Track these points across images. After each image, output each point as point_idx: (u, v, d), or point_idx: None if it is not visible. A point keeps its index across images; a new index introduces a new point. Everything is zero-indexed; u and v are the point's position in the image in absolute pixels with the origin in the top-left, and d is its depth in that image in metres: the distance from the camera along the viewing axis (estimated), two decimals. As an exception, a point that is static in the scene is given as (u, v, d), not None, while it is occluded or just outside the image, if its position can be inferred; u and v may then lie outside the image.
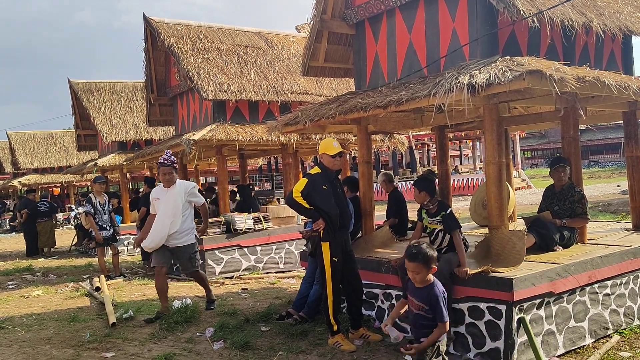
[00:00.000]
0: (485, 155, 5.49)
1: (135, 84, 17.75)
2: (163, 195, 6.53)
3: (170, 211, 6.48)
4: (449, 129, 7.75)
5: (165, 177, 6.48)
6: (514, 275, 4.63)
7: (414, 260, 3.85)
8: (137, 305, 7.46)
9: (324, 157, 5.44)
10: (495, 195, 5.28)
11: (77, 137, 19.09)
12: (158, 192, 6.62)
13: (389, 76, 6.54)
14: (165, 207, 6.47)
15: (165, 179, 6.49)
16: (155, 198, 6.57)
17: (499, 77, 4.42)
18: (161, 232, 6.44)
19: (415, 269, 3.85)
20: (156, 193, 6.62)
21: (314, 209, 5.30)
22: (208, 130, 9.97)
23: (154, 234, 6.45)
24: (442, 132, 7.75)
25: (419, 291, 3.90)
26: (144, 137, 16.44)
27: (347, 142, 10.76)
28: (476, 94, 4.52)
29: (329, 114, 6.03)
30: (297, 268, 10.04)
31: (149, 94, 12.61)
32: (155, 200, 6.57)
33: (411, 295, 3.96)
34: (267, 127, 7.68)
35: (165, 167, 6.46)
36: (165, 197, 6.50)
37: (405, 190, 25.49)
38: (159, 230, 6.43)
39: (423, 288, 3.88)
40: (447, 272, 4.92)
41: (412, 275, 3.90)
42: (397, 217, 7.35)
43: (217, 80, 10.45)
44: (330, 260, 5.31)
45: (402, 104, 5.08)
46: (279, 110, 10.93)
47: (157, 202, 6.56)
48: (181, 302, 6.95)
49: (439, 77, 5.03)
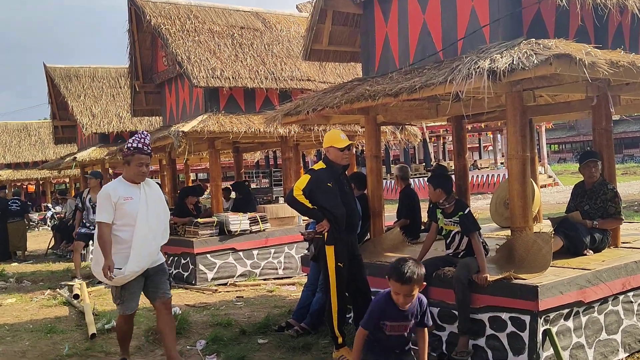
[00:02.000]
0: (507, 149, 5.48)
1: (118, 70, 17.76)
2: (137, 194, 5.02)
3: (160, 218, 5.17)
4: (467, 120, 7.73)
5: (142, 170, 5.04)
6: (540, 283, 4.63)
7: (409, 283, 3.66)
8: (121, 314, 7.47)
9: (330, 150, 5.44)
10: (518, 193, 5.28)
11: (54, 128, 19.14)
12: (125, 189, 5.02)
13: (401, 61, 6.53)
14: (150, 211, 5.04)
15: (141, 171, 5.04)
16: (125, 197, 4.96)
17: (523, 62, 4.41)
18: (147, 249, 4.98)
19: (409, 292, 3.69)
20: (123, 190, 5.00)
21: (318, 209, 5.31)
22: (199, 121, 9.98)
23: (138, 254, 4.90)
24: (460, 123, 7.74)
25: (403, 312, 3.80)
26: (128, 128, 16.45)
27: (354, 134, 10.76)
28: (497, 81, 4.52)
29: (334, 102, 6.03)
30: (298, 274, 10.06)
31: (133, 80, 12.62)
32: (125, 200, 4.95)
33: (390, 321, 3.80)
34: (265, 117, 7.68)
35: (144, 154, 5.05)
36: (143, 197, 5.03)
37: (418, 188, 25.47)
38: (143, 247, 4.94)
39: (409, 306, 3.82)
40: (465, 278, 4.93)
41: (404, 299, 3.72)
42: (409, 218, 7.35)
43: (209, 65, 10.46)
44: (335, 265, 5.32)
45: (415, 92, 5.07)
46: (278, 99, 10.93)
47: (128, 205, 4.95)
48: (170, 312, 6.96)
49: (456, 62, 5.02)
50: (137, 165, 5.02)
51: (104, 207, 4.92)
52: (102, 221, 4.91)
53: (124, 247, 4.91)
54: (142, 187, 5.07)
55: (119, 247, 4.90)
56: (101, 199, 4.94)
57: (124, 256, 4.89)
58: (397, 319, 3.83)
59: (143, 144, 5.05)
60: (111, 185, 5.07)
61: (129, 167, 5.04)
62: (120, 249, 4.91)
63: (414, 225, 7.38)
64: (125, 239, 4.92)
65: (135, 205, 4.96)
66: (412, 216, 7.39)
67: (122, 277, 4.88)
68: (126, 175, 5.07)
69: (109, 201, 4.92)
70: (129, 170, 5.04)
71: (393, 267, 3.76)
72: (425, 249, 5.66)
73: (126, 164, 5.06)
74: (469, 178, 7.91)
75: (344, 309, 5.45)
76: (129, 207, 4.94)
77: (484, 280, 4.86)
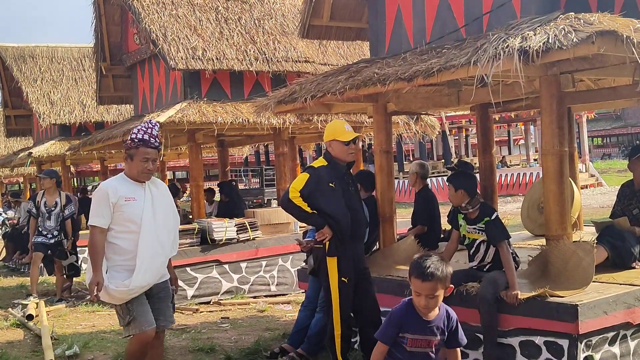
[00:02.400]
0: (541, 143, 5.48)
1: (81, 50, 17.76)
2: (141, 195, 4.88)
3: (169, 222, 5.04)
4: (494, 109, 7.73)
5: (147, 166, 4.87)
6: (580, 301, 4.64)
7: (431, 279, 3.63)
8: (84, 338, 7.49)
9: (333, 144, 5.45)
10: (554, 195, 5.28)
11: (6, 118, 19.16)
12: (128, 188, 4.87)
13: (415, 39, 6.53)
14: (157, 215, 4.88)
15: (146, 168, 4.87)
16: (127, 197, 4.82)
17: (560, 40, 4.41)
18: (155, 262, 4.84)
19: (431, 291, 3.65)
20: (125, 189, 4.85)
21: (318, 214, 5.31)
22: (177, 110, 9.99)
23: (144, 267, 4.75)
24: (485, 113, 7.74)
25: (427, 323, 3.76)
26: (93, 118, 16.45)
27: (361, 125, 10.76)
28: (530, 62, 4.52)
29: (336, 88, 6.03)
30: (294, 291, 10.07)
31: (99, 62, 12.62)
32: (127, 201, 4.81)
33: (411, 333, 3.75)
34: (255, 105, 7.69)
35: (151, 148, 4.88)
36: (148, 199, 4.87)
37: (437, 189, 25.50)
38: (151, 259, 4.80)
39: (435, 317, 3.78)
40: (491, 296, 4.93)
41: (426, 301, 3.68)
42: (426, 224, 7.36)
43: (188, 44, 10.46)
44: (339, 280, 5.33)
45: (432, 76, 5.07)
46: (270, 84, 10.93)
47: (130, 207, 4.81)
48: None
49: (481, 40, 5.02)
50: (141, 160, 4.84)
51: (100, 209, 4.77)
52: (95, 225, 4.76)
53: (124, 258, 4.77)
54: (147, 187, 4.93)
55: (118, 258, 4.78)
56: (97, 198, 4.81)
57: (124, 270, 4.76)
58: (420, 332, 3.75)
59: (150, 135, 4.87)
60: (110, 183, 4.90)
61: (131, 162, 4.87)
62: (119, 261, 4.78)
63: (431, 233, 7.38)
64: (127, 248, 4.77)
65: (139, 208, 4.81)
66: (429, 222, 7.38)
67: (125, 291, 4.72)
68: (128, 172, 4.92)
69: (106, 202, 4.75)
70: (132, 166, 4.87)
71: (414, 262, 3.73)
72: (444, 261, 5.65)
73: (129, 158, 4.89)
74: (496, 177, 7.91)
75: (349, 332, 5.46)
76: (132, 209, 4.79)
77: (514, 298, 4.86)
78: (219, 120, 9.95)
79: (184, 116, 9.81)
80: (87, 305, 9.79)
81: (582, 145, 30.24)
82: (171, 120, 9.67)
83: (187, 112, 9.93)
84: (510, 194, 27.41)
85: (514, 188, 28.17)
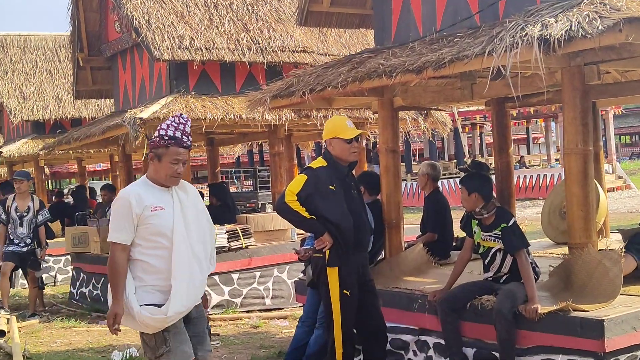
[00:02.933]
0: (564, 142, 5.48)
1: (56, 39, 17.77)
2: (169, 202, 4.53)
3: (204, 233, 4.73)
4: (511, 104, 7.74)
5: (178, 169, 4.52)
6: (606, 316, 4.63)
7: None
8: (60, 357, 7.49)
9: (333, 142, 5.45)
10: (578, 199, 5.28)
11: (-27, 114, 19.14)
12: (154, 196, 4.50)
13: (425, 26, 6.53)
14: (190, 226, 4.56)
15: (176, 171, 4.51)
16: (154, 207, 4.45)
17: (585, 28, 4.41)
18: (193, 282, 4.52)
19: None
20: (151, 197, 4.48)
21: (317, 219, 5.31)
22: (162, 105, 9.99)
23: (182, 289, 4.42)
24: (502, 108, 7.74)
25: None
26: (69, 114, 16.46)
27: (365, 122, 10.77)
28: (551, 52, 4.52)
29: (338, 81, 6.03)
30: (291, 305, 10.06)
31: (76, 52, 12.62)
32: (154, 211, 4.44)
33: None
34: (248, 100, 7.69)
35: (183, 147, 4.54)
36: (177, 207, 4.53)
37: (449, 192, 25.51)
38: (188, 278, 4.48)
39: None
40: (508, 310, 4.93)
41: None
42: (437, 231, 7.36)
43: (175, 32, 10.46)
44: (340, 293, 5.32)
45: (443, 67, 5.08)
46: (264, 76, 10.94)
47: (158, 218, 4.45)
48: (123, 354, 6.96)
49: (498, 28, 5.03)
50: (171, 162, 4.45)
51: (121, 222, 4.37)
52: (116, 242, 4.37)
53: (155, 278, 4.41)
54: (175, 193, 4.55)
55: (149, 278, 4.42)
56: (118, 209, 4.42)
57: (157, 290, 4.40)
58: None
59: (182, 133, 4.51)
60: (132, 190, 4.49)
61: (159, 163, 4.47)
62: (151, 281, 4.42)
63: (443, 240, 7.38)
64: (159, 266, 4.41)
65: (169, 218, 4.44)
66: (440, 229, 7.39)
67: (162, 319, 4.33)
68: (154, 175, 4.52)
69: (128, 213, 4.35)
70: (160, 168, 4.48)
71: None
72: (456, 271, 5.66)
73: (155, 159, 4.49)
74: (514, 179, 7.91)
75: (352, 349, 5.45)
76: (161, 221, 4.41)
77: (534, 312, 4.86)
78: (208, 116, 9.95)
79: (170, 112, 9.78)
80: (62, 320, 9.79)
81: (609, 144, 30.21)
82: (155, 116, 9.65)
83: (173, 108, 9.92)
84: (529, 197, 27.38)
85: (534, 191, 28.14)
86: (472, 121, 33.92)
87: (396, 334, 6.02)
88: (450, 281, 5.57)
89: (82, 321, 9.72)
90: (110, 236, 4.40)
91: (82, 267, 11.61)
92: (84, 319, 9.94)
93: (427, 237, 7.33)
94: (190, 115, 9.90)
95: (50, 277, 13.65)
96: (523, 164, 31.84)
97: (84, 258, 11.49)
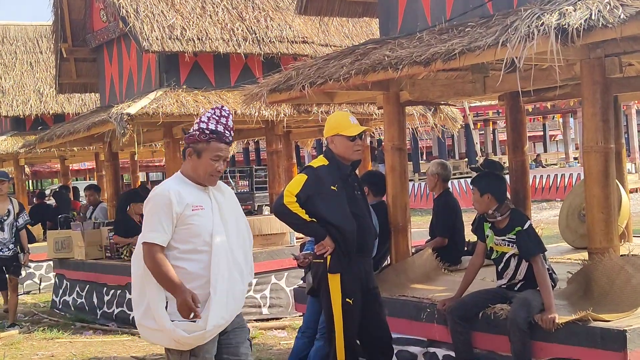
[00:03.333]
0: (583, 139, 5.48)
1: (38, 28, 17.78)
2: (207, 203, 4.40)
3: (244, 239, 4.63)
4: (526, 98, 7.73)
5: (219, 167, 4.40)
6: (629, 326, 4.62)
7: None
8: (42, 371, 7.49)
9: (335, 140, 5.44)
10: (598, 200, 5.28)
11: (-52, 110, 19.14)
12: (192, 194, 4.36)
13: (434, 15, 6.53)
14: (229, 230, 4.44)
15: (216, 169, 4.39)
16: (195, 206, 4.31)
17: (605, 17, 4.41)
18: (233, 291, 4.36)
19: None
20: (190, 195, 4.34)
21: (317, 222, 5.31)
22: (151, 100, 9.99)
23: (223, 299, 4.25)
24: (517, 103, 7.73)
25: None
26: (51, 110, 16.48)
27: (369, 118, 10.77)
28: (569, 43, 4.52)
29: (340, 74, 6.03)
30: (289, 314, 10.06)
31: (59, 43, 12.62)
32: (195, 211, 4.30)
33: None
34: (244, 94, 7.68)
35: (225, 143, 4.41)
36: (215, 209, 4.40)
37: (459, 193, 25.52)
38: (229, 287, 4.32)
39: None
40: (523, 320, 4.93)
41: None
42: (446, 235, 7.35)
43: (165, 21, 10.46)
44: (342, 302, 5.32)
45: (453, 59, 5.07)
46: (261, 69, 10.94)
47: (198, 219, 4.30)
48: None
49: (512, 17, 5.02)
50: (212, 158, 4.33)
51: (159, 220, 4.20)
52: (152, 242, 4.17)
53: (192, 286, 4.19)
54: (212, 193, 4.43)
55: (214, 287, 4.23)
56: (156, 206, 4.25)
57: None
58: None
59: (225, 127, 4.37)
60: (171, 187, 4.32)
61: (198, 160, 4.34)
62: None
63: (453, 245, 7.37)
64: (196, 272, 4.25)
65: (208, 219, 4.31)
66: (451, 233, 7.39)
67: (200, 335, 4.14)
68: (192, 172, 4.39)
69: (169, 211, 4.20)
70: (198, 165, 4.34)
71: None
72: (468, 278, 5.65)
73: (194, 154, 4.35)
74: (529, 179, 7.90)
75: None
76: (200, 222, 4.28)
77: (551, 322, 4.85)
78: (201, 111, 9.92)
79: (160, 107, 9.80)
80: (44, 331, 9.80)
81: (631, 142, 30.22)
82: (144, 111, 9.67)
83: (163, 103, 9.93)
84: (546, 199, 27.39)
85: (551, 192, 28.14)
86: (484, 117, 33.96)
87: (403, 346, 6.01)
88: (461, 289, 5.57)
89: (65, 332, 9.72)
90: (146, 236, 4.22)
91: (65, 273, 11.62)
92: (67, 329, 9.94)
93: (436, 241, 7.33)
94: (181, 110, 9.92)
95: (34, 283, 13.68)
96: (539, 162, 31.82)
97: (67, 264, 11.49)
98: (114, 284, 10.01)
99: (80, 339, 9.25)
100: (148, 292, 4.21)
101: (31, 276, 12.61)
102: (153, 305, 4.17)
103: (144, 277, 4.24)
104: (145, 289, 4.23)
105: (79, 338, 9.35)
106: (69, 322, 10.44)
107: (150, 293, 4.21)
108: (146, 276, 4.21)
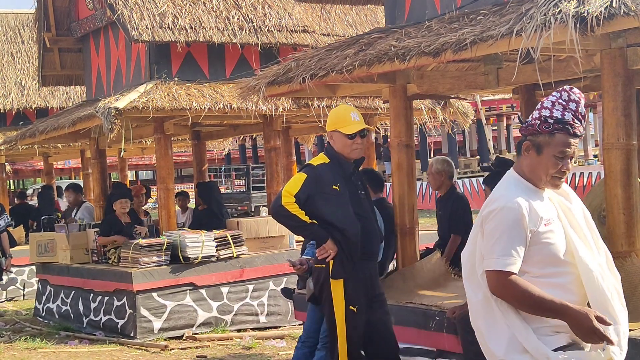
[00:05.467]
0: (603, 135, 5.47)
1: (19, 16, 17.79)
2: (553, 211, 3.81)
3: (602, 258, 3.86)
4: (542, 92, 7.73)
5: (564, 167, 3.74)
6: (652, 335, 4.62)
7: None
8: (24, 383, 7.50)
9: (334, 136, 5.45)
10: (620, 201, 5.29)
11: None
12: (537, 203, 3.70)
13: (443, 3, 6.53)
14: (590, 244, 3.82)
15: (563, 169, 3.75)
16: (547, 220, 3.69)
17: (627, 4, 4.41)
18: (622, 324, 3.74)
19: None
20: (540, 206, 3.69)
21: (318, 224, 5.31)
22: (141, 93, 9.99)
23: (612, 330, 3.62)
24: (532, 97, 7.73)
25: None
26: (34, 104, 16.48)
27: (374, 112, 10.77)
28: (589, 32, 4.52)
29: (343, 65, 6.03)
30: (289, 322, 10.07)
31: (42, 32, 12.62)
32: (547, 226, 3.68)
33: None
34: (240, 87, 7.69)
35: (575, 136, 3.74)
36: (562, 217, 3.81)
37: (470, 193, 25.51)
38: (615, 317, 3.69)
39: None
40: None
41: None
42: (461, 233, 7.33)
43: (155, 9, 10.46)
44: (346, 309, 5.32)
45: (465, 49, 5.07)
46: (258, 60, 10.94)
47: (552, 236, 3.68)
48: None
49: (527, 4, 5.02)
50: (556, 155, 3.69)
51: (512, 243, 3.61)
52: (505, 270, 3.58)
53: None
54: (553, 198, 3.85)
55: None
56: (505, 224, 3.65)
57: (561, 332, 3.63)
58: None
59: (575, 114, 3.70)
60: (519, 197, 3.67)
61: (537, 157, 3.74)
62: (552, 320, 3.62)
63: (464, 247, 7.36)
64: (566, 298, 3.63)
65: (561, 233, 3.72)
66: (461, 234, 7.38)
67: None
68: (528, 172, 3.79)
69: (522, 229, 3.61)
70: (538, 163, 3.74)
71: None
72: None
73: (533, 149, 3.74)
74: (545, 178, 7.88)
75: (359, 374, 5.45)
76: (556, 238, 3.69)
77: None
78: (194, 105, 9.95)
79: (150, 101, 9.80)
80: (26, 340, 9.80)
81: (655, 138, 30.24)
82: (133, 106, 9.66)
83: (153, 96, 9.93)
84: (563, 199, 27.41)
85: (568, 192, 28.19)
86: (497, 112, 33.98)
87: (410, 356, 6.02)
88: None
89: (49, 341, 9.72)
90: (496, 263, 3.62)
91: (49, 279, 11.59)
92: (51, 338, 9.94)
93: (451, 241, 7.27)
94: (173, 104, 9.91)
95: (17, 289, 13.68)
96: (556, 160, 31.76)
97: (51, 269, 11.46)
98: (101, 290, 10.00)
99: (65, 349, 9.25)
100: (507, 322, 3.66)
101: (14, 281, 12.60)
102: (521, 336, 3.61)
103: (490, 305, 3.71)
104: (496, 316, 3.69)
105: (63, 348, 9.35)
106: (53, 331, 10.42)
107: (510, 321, 3.65)
108: (497, 304, 3.67)
